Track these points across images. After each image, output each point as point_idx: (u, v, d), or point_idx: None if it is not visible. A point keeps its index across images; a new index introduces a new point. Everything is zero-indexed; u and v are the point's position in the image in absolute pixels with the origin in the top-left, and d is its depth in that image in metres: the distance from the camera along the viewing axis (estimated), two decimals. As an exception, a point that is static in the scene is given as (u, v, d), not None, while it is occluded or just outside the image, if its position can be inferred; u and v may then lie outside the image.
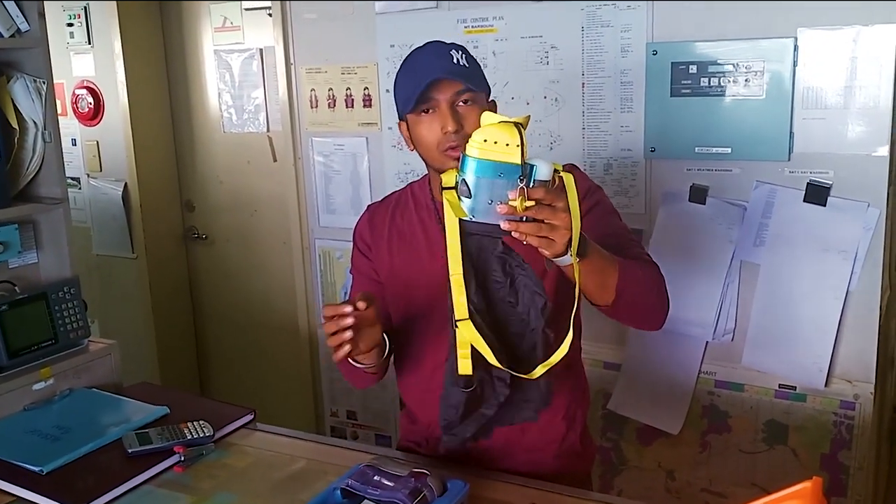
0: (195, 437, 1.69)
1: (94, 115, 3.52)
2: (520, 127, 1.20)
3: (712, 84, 2.20)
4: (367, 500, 1.36)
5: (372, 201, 1.81)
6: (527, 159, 1.19)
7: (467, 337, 1.32)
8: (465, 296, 1.31)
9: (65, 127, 2.98)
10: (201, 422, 1.74)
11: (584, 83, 2.40)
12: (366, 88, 2.78)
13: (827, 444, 2.25)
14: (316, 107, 2.91)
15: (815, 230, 2.15)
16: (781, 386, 2.28)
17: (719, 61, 2.18)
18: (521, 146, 1.18)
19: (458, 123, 1.47)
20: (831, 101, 2.09)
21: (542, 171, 1.20)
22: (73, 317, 2.03)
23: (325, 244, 3.01)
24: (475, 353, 1.33)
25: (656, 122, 2.31)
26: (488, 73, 1.61)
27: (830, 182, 2.12)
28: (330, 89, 2.86)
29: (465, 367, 1.35)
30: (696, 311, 2.33)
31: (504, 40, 2.49)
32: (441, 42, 1.55)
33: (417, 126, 1.52)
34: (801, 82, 2.11)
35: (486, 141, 1.19)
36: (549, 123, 2.46)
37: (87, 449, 1.67)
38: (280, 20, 2.91)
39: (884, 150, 2.06)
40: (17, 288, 2.03)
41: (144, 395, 1.96)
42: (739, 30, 2.16)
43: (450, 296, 1.32)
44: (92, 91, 3.51)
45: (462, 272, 1.31)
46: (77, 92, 3.53)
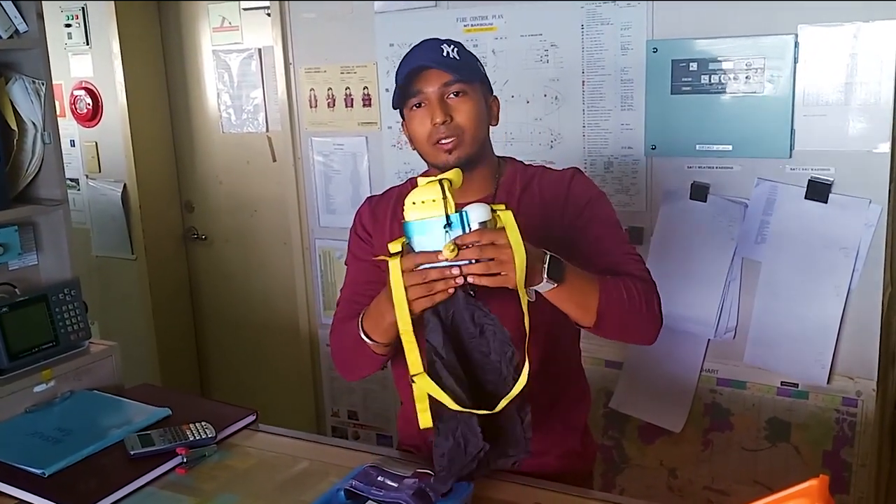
0: (197, 438, 1.68)
1: (93, 116, 3.52)
2: (444, 182, 1.28)
3: (713, 81, 2.20)
4: (370, 501, 1.36)
5: (372, 198, 1.81)
6: (458, 209, 1.27)
7: (425, 390, 1.34)
8: (417, 352, 1.34)
9: (63, 128, 2.96)
10: (203, 423, 1.73)
11: (584, 81, 2.39)
12: (365, 88, 2.78)
13: (829, 442, 2.24)
14: (315, 106, 2.90)
15: (816, 227, 2.15)
16: (783, 383, 2.28)
17: (720, 58, 2.18)
18: (444, 199, 1.26)
19: (447, 114, 1.47)
20: (832, 97, 2.08)
21: (475, 215, 1.28)
22: (74, 318, 2.03)
23: (325, 244, 3.00)
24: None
25: (657, 119, 2.31)
26: (488, 71, 1.61)
27: (832, 179, 2.12)
28: (329, 89, 2.85)
29: (425, 420, 1.36)
30: (698, 309, 2.33)
31: (503, 39, 2.49)
32: (436, 38, 1.55)
33: (411, 122, 1.53)
34: (802, 79, 2.11)
35: (414, 203, 1.29)
36: (550, 122, 2.46)
37: (89, 451, 1.66)
38: (279, 20, 2.90)
39: (885, 147, 2.05)
40: (17, 290, 2.02)
41: (146, 396, 1.95)
42: (740, 27, 2.15)
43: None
44: (90, 92, 3.50)
45: (412, 329, 1.33)
46: (75, 93, 3.53)
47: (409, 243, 1.31)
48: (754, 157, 2.20)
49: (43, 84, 2.02)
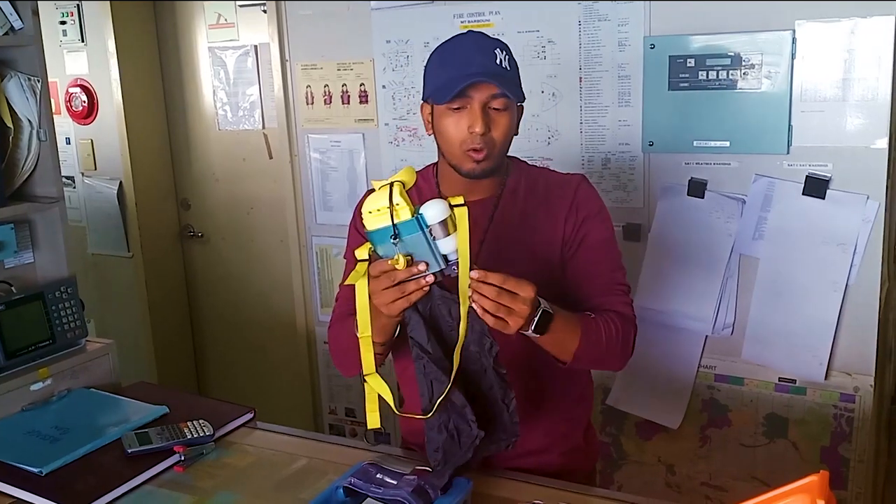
0: (195, 436, 1.68)
1: (88, 113, 3.50)
2: (393, 187, 1.27)
3: (710, 78, 2.20)
4: (369, 499, 1.36)
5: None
6: (416, 209, 1.27)
7: (375, 391, 1.37)
8: (371, 354, 1.36)
9: (59, 125, 2.92)
10: (201, 421, 1.73)
11: (581, 78, 2.39)
12: (362, 84, 2.77)
13: (827, 437, 2.25)
14: (312, 103, 2.89)
15: (814, 223, 2.15)
16: (781, 379, 2.28)
17: (717, 55, 2.18)
18: (391, 207, 1.26)
19: (487, 126, 1.46)
20: (830, 93, 2.08)
21: (430, 216, 1.28)
22: (71, 316, 2.02)
23: (322, 241, 3.00)
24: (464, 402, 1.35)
25: (654, 116, 2.30)
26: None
27: (829, 175, 2.12)
28: (325, 85, 2.85)
29: (373, 420, 1.39)
30: (696, 306, 2.33)
31: (500, 35, 2.45)
32: (485, 35, 1.51)
33: (444, 118, 1.49)
34: (800, 75, 2.11)
35: (370, 213, 1.29)
36: (547, 118, 2.46)
37: (87, 449, 1.66)
38: (275, 16, 2.90)
39: (882, 143, 2.05)
40: (13, 288, 2.02)
41: (143, 394, 1.95)
42: (737, 23, 2.15)
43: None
44: (86, 89, 3.48)
45: (371, 333, 1.36)
46: (71, 90, 3.51)
47: (374, 251, 1.32)
48: (752, 153, 2.20)
49: (38, 81, 2.01)
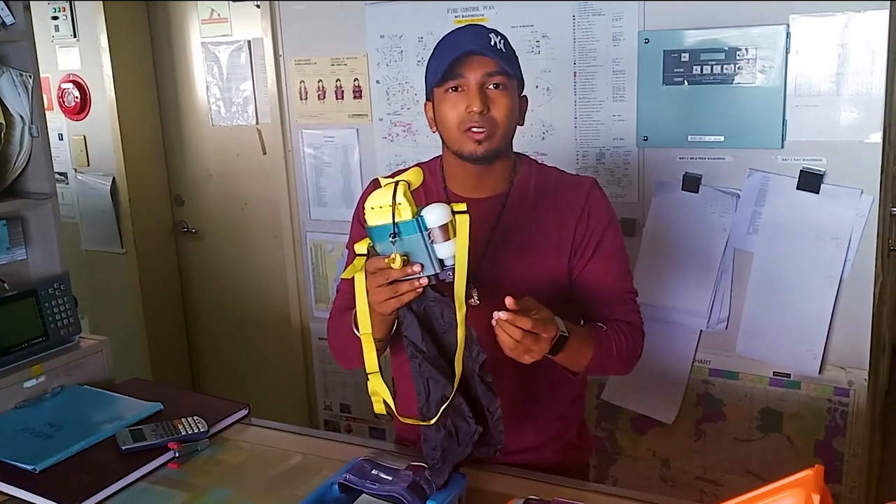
0: (189, 432, 1.67)
1: (81, 109, 3.49)
2: (398, 186, 1.26)
3: (704, 72, 2.20)
4: (365, 495, 1.36)
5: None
6: (419, 210, 1.27)
7: (376, 389, 1.37)
8: (374, 352, 1.36)
9: (51, 121, 2.93)
10: (195, 417, 1.72)
11: (575, 72, 2.39)
12: (356, 80, 2.76)
13: (821, 431, 2.25)
14: (305, 99, 2.89)
15: (808, 218, 2.16)
16: (776, 373, 2.28)
17: (712, 49, 2.17)
18: (393, 205, 1.25)
19: (485, 105, 1.45)
20: (824, 87, 2.08)
21: (431, 219, 1.27)
22: (64, 313, 2.01)
23: (316, 237, 2.99)
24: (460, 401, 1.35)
25: (649, 110, 2.30)
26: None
27: (823, 169, 2.12)
28: (319, 81, 2.84)
29: (379, 408, 1.40)
30: (690, 300, 2.33)
31: (495, 30, 2.47)
32: (483, 25, 1.53)
33: (443, 103, 1.49)
34: (794, 69, 2.11)
35: (372, 208, 1.28)
36: (541, 113, 2.45)
37: (81, 446, 1.65)
38: (268, 11, 2.88)
39: (876, 137, 2.06)
40: (6, 285, 2.01)
41: (137, 391, 1.94)
42: (732, 17, 2.15)
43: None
44: (78, 85, 3.47)
45: (371, 330, 1.36)
46: (63, 86, 3.49)
47: (372, 246, 1.31)
48: (746, 147, 2.20)
49: (30, 77, 2.00)
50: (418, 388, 1.36)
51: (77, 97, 3.47)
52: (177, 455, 1.61)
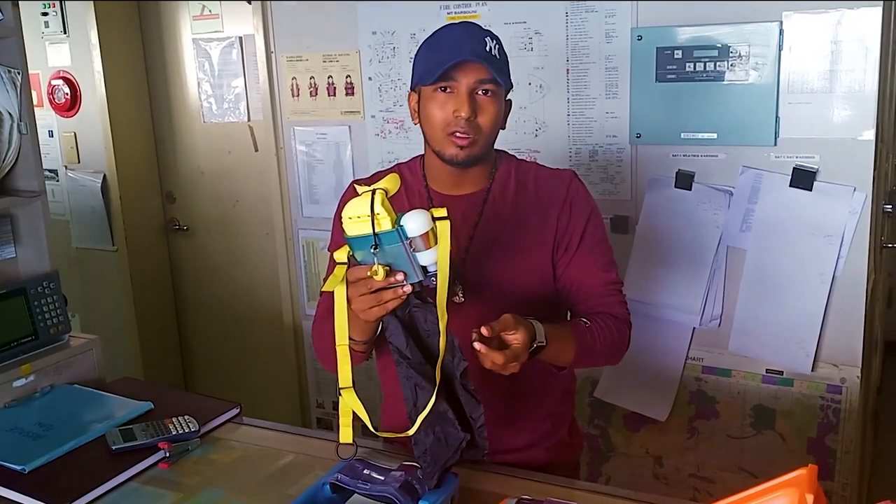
0: (180, 432, 1.66)
1: (71, 105, 3.46)
2: (374, 194, 1.22)
3: (698, 69, 2.19)
4: (357, 495, 1.35)
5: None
6: (399, 217, 1.23)
7: (349, 405, 1.34)
8: (349, 366, 1.34)
9: (41, 118, 2.92)
10: (186, 417, 1.71)
11: (568, 69, 2.38)
12: (348, 76, 2.75)
13: (814, 429, 2.26)
14: (297, 95, 2.87)
15: (801, 215, 2.15)
16: (768, 371, 2.28)
17: (704, 46, 2.17)
18: (372, 216, 1.21)
19: (473, 111, 1.45)
20: (817, 85, 2.08)
21: (411, 228, 1.24)
22: (53, 312, 2.00)
23: (308, 234, 2.98)
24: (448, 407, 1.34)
25: (642, 107, 2.30)
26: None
27: (816, 167, 2.12)
28: (311, 77, 2.82)
29: (346, 435, 1.37)
30: (683, 298, 2.33)
31: (487, 26, 2.44)
32: (477, 25, 1.52)
33: (430, 102, 1.48)
34: (787, 66, 2.10)
35: (350, 218, 1.24)
36: (534, 110, 2.45)
37: (70, 446, 1.64)
38: (259, 8, 2.87)
39: (869, 134, 2.06)
40: (-6, 283, 1.99)
41: (127, 390, 1.92)
42: (724, 14, 2.15)
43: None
44: (68, 81, 3.45)
45: (351, 334, 1.34)
46: (53, 82, 3.47)
47: (352, 255, 1.29)
48: (739, 144, 2.20)
49: (19, 73, 1.98)
50: (406, 394, 1.35)
51: (67, 94, 3.45)
52: (167, 455, 1.60)
